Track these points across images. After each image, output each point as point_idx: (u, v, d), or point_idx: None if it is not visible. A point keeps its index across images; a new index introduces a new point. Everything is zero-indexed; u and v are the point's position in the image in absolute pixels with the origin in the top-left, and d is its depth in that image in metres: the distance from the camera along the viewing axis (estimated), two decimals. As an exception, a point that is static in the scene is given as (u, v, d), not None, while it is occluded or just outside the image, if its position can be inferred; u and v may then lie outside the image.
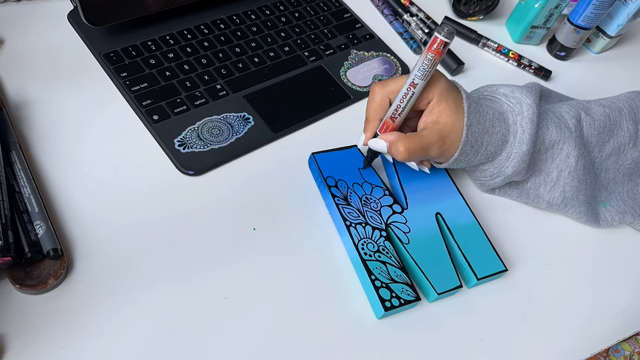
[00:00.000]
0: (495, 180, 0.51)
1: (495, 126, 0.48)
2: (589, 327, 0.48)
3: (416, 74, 0.44)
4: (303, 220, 0.49)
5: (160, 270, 0.43)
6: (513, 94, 0.50)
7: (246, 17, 0.63)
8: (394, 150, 0.45)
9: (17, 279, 0.40)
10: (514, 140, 0.48)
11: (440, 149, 0.46)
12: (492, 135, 0.48)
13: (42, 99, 0.51)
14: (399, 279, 0.45)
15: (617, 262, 0.53)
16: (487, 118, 0.47)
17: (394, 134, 0.46)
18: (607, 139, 0.54)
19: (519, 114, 0.49)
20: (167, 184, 0.48)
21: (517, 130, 0.48)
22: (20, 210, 0.42)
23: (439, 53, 0.42)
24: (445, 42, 0.42)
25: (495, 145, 0.48)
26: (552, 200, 0.52)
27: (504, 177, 0.50)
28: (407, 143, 0.45)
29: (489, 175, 0.51)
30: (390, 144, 0.45)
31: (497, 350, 0.45)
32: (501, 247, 0.51)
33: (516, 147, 0.48)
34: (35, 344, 0.38)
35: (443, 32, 0.42)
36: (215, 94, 0.55)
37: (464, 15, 0.72)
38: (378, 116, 0.47)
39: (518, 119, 0.48)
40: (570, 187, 0.52)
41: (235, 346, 0.41)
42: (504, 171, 0.49)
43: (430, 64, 0.43)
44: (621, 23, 0.68)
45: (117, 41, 0.56)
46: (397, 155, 0.45)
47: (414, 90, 0.44)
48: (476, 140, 0.47)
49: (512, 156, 0.49)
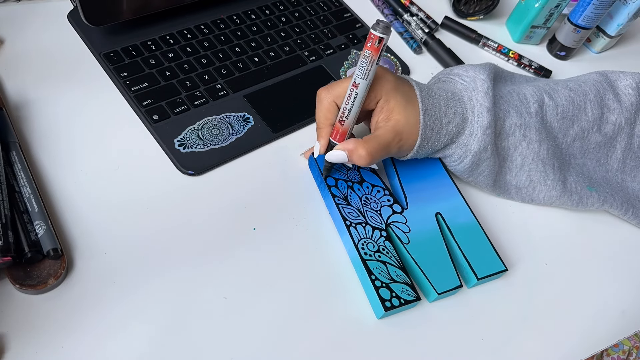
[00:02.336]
0: (465, 162, 0.50)
1: (450, 106, 0.47)
2: (589, 327, 0.48)
3: (357, 74, 0.43)
4: (303, 220, 0.49)
5: (160, 270, 0.43)
6: (466, 72, 0.50)
7: (246, 17, 0.63)
8: (356, 157, 0.45)
9: (17, 278, 0.40)
10: (473, 116, 0.48)
11: (399, 144, 0.46)
12: (449, 116, 0.47)
13: (42, 99, 0.51)
14: (399, 278, 0.45)
15: (617, 262, 0.53)
16: (441, 100, 0.47)
17: (350, 142, 0.45)
18: (570, 124, 0.53)
19: (473, 89, 0.48)
20: (167, 183, 0.48)
21: (474, 105, 0.48)
22: (20, 210, 0.42)
23: (376, 50, 0.42)
24: (380, 38, 0.41)
25: (455, 124, 0.48)
26: (520, 184, 0.52)
27: (471, 155, 0.49)
28: (366, 146, 0.44)
29: (457, 157, 0.50)
30: (350, 152, 0.45)
31: (497, 350, 0.45)
32: (501, 247, 0.51)
33: (476, 121, 0.48)
34: (35, 344, 0.38)
35: (378, 27, 0.41)
36: (215, 93, 0.55)
37: (464, 15, 0.72)
38: (329, 122, 0.47)
39: (473, 95, 0.48)
40: (536, 172, 0.52)
41: (235, 346, 0.41)
42: (470, 148, 0.49)
43: (368, 61, 0.42)
44: (621, 23, 0.68)
45: (117, 41, 0.56)
46: (359, 161, 0.45)
47: (357, 91, 0.44)
48: (434, 123, 0.47)
49: (475, 131, 0.48)
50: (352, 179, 0.50)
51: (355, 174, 0.50)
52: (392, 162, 0.52)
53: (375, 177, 0.51)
